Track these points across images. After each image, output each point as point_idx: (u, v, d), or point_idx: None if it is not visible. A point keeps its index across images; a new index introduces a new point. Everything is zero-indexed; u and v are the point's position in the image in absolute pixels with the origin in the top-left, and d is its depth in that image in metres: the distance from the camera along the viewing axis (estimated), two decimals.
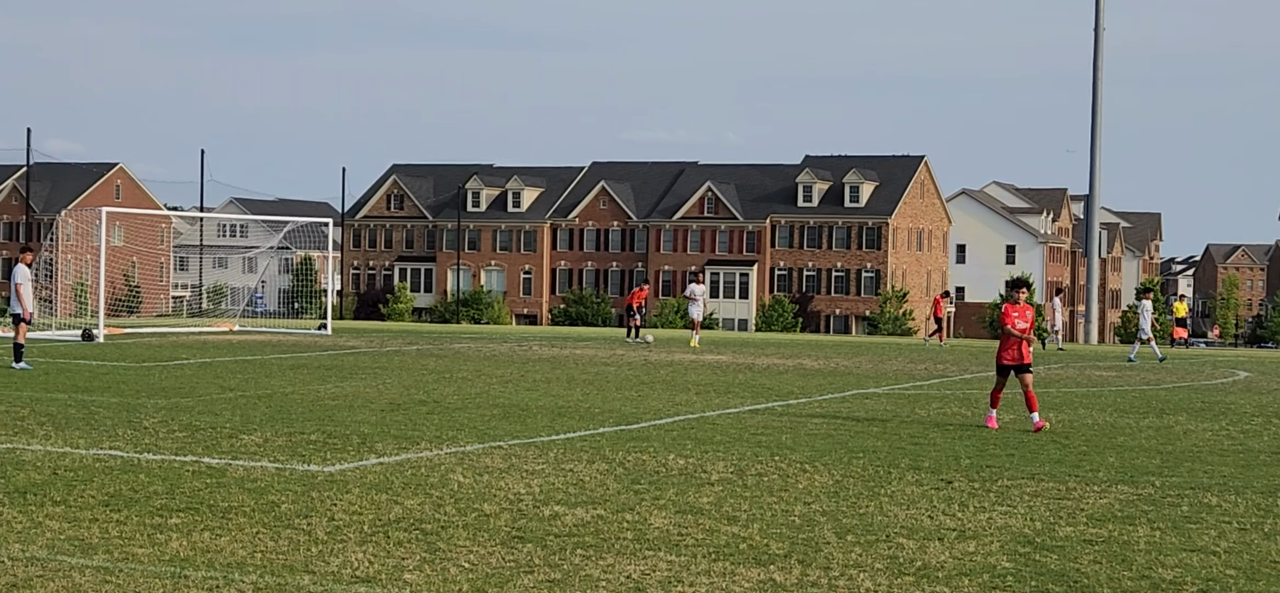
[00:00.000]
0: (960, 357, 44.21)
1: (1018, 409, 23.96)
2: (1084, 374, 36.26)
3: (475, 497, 14.14)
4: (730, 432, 20.52)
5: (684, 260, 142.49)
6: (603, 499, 14.19)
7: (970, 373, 35.56)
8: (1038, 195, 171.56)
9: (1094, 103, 69.12)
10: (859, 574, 11.11)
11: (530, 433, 19.79)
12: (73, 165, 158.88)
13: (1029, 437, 20.78)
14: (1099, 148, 69.22)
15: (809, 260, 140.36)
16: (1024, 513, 13.99)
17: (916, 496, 14.92)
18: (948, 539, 12.56)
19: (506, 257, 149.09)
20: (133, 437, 18.25)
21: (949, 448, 19.08)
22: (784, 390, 28.46)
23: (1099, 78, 68.90)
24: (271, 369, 31.20)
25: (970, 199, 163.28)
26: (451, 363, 34.86)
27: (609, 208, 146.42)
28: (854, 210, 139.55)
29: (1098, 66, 68.85)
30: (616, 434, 19.90)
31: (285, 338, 46.24)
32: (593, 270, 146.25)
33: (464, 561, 11.26)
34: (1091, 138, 69.23)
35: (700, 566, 11.30)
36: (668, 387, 28.84)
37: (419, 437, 18.98)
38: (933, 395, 27.87)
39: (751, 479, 15.77)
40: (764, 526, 12.98)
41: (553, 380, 29.77)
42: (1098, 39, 68.88)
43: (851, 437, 20.24)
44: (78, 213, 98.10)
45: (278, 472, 15.48)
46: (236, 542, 11.72)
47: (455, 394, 25.88)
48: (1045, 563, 11.69)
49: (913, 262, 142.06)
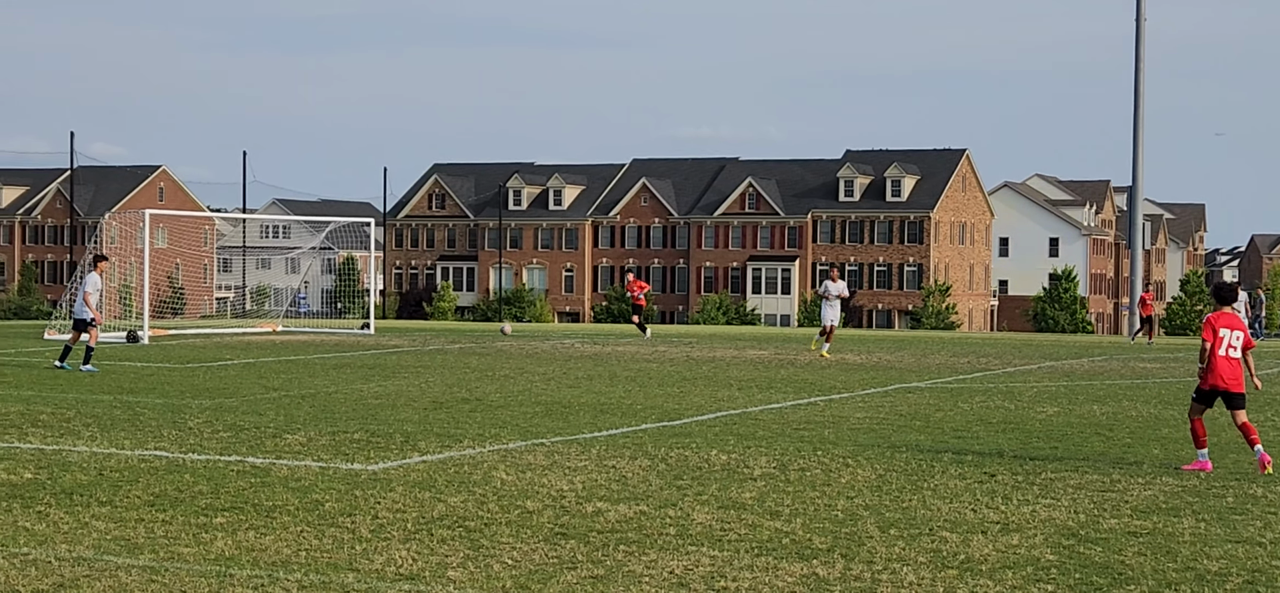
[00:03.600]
0: (1004, 350, 44.05)
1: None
2: (1128, 366, 36.10)
3: (518, 494, 14.17)
4: (772, 427, 20.51)
5: (725, 257, 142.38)
6: (645, 495, 14.21)
7: (1013, 367, 35.43)
8: (1081, 187, 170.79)
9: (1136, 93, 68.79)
10: (902, 568, 11.10)
11: (573, 430, 19.82)
12: (116, 168, 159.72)
13: (1073, 429, 20.71)
14: (1141, 139, 68.87)
15: (851, 255, 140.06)
16: (1068, 506, 13.95)
17: (959, 489, 14.90)
18: (991, 532, 12.53)
19: (548, 255, 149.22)
20: (178, 437, 18.35)
21: (992, 441, 19.03)
22: (826, 385, 28.42)
23: (1141, 68, 68.55)
24: (315, 369, 31.31)
25: (1013, 192, 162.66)
26: (494, 361, 34.92)
27: (650, 205, 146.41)
28: (896, 205, 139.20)
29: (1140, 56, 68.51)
30: (659, 431, 19.91)
31: (328, 338, 46.40)
32: (634, 267, 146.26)
33: (507, 557, 11.29)
34: (1134, 128, 68.89)
35: (743, 561, 11.30)
36: (710, 383, 28.82)
37: (462, 435, 19.03)
38: (976, 389, 27.79)
39: (794, 474, 15.77)
40: (807, 520, 12.98)
41: (595, 377, 29.79)
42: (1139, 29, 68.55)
43: (894, 431, 20.21)
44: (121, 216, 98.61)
45: (322, 471, 15.55)
46: (281, 541, 11.78)
47: (498, 392, 25.92)
48: (1089, 555, 11.65)
49: (955, 255, 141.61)
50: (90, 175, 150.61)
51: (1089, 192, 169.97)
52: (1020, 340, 54.66)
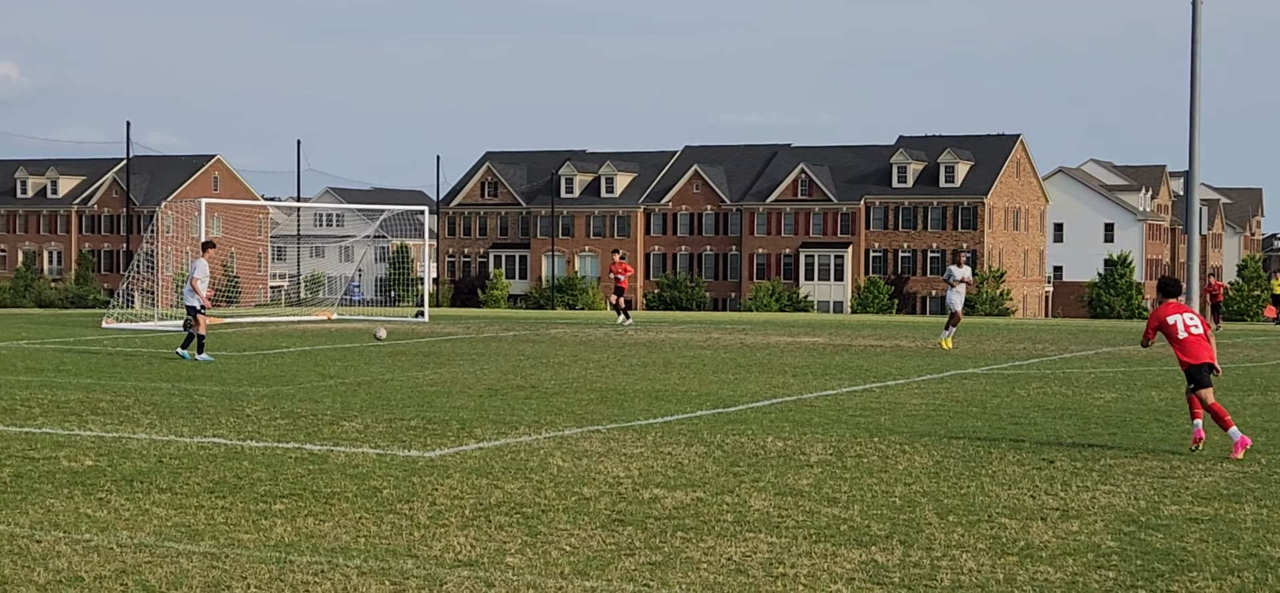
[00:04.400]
0: (1059, 336, 43.83)
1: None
2: None
3: (574, 480, 14.18)
4: (828, 414, 20.46)
5: (777, 243, 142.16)
6: (702, 482, 14.19)
7: (1069, 352, 35.25)
8: (1136, 172, 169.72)
9: (1192, 77, 68.26)
10: (962, 554, 11.05)
11: (628, 417, 19.82)
12: (171, 158, 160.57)
13: (1131, 415, 20.58)
14: (1198, 122, 68.34)
15: (904, 241, 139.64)
16: (1128, 492, 13.87)
17: (1018, 475, 14.83)
18: (1050, 519, 12.47)
19: (600, 242, 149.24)
20: (235, 424, 18.44)
21: (1050, 428, 18.94)
22: (881, 372, 28.34)
23: (1197, 51, 68.03)
24: (370, 356, 31.42)
25: (1067, 177, 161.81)
26: (548, 348, 34.97)
27: (702, 192, 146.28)
28: (949, 190, 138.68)
29: (1196, 39, 67.98)
30: (714, 417, 19.89)
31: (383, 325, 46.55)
32: (686, 255, 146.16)
33: (565, 543, 11.30)
34: (1190, 112, 68.34)
35: (801, 547, 11.27)
36: (764, 369, 28.78)
37: (517, 422, 19.05)
38: (1032, 375, 27.66)
39: (851, 461, 15.72)
40: (865, 507, 12.94)
41: (649, 364, 29.79)
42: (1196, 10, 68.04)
43: (951, 417, 20.14)
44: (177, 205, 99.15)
45: (379, 457, 15.60)
46: (340, 527, 11.82)
47: (552, 379, 25.95)
48: (1150, 542, 11.58)
49: (1009, 241, 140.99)
50: (146, 165, 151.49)
51: (1144, 177, 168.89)
52: (1076, 326, 54.39)
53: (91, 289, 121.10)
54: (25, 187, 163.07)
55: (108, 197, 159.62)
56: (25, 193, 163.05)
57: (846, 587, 10.05)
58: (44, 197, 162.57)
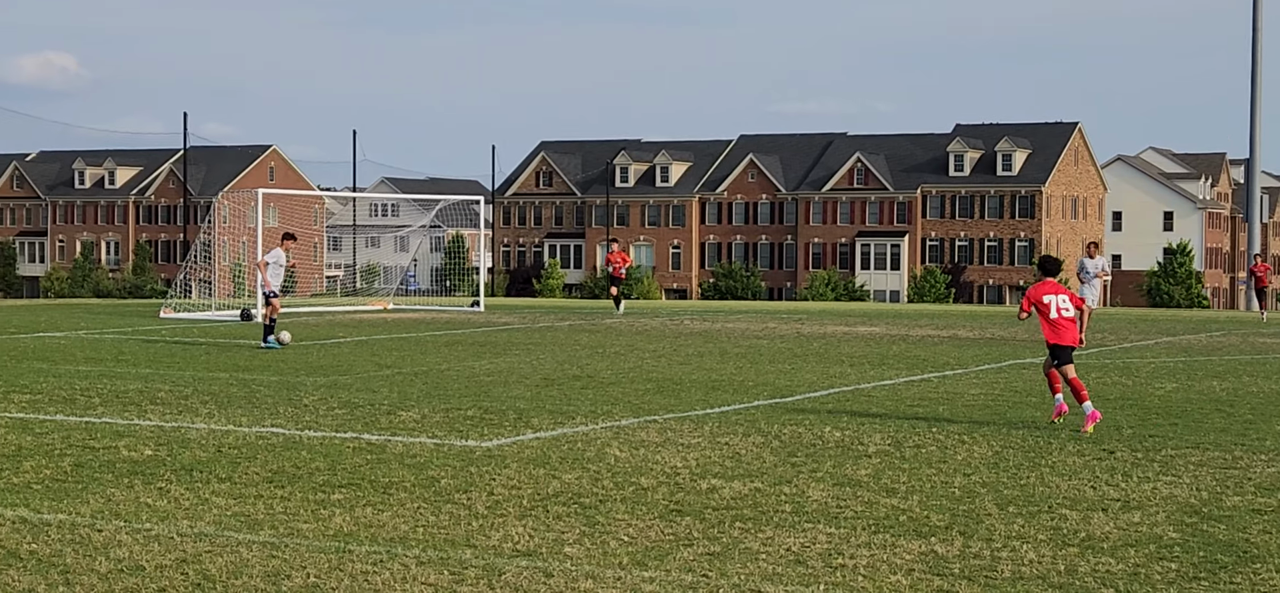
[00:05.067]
0: (1119, 326, 43.55)
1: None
2: (1248, 341, 35.58)
3: (632, 471, 14.16)
4: (886, 404, 20.39)
5: (833, 233, 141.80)
6: (759, 472, 14.15)
7: (1129, 342, 35.02)
8: (1196, 160, 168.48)
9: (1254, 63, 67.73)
10: (1022, 546, 10.98)
11: (685, 407, 19.79)
12: (228, 148, 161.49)
13: (1192, 405, 20.41)
14: (1259, 109, 67.83)
15: (961, 230, 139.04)
16: (1189, 483, 13.75)
17: (1078, 466, 14.72)
18: (1111, 510, 12.37)
19: (655, 232, 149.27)
20: (293, 414, 18.51)
21: (1110, 418, 18.79)
22: (939, 362, 28.22)
23: (1259, 37, 67.49)
24: (426, 346, 31.50)
25: (1126, 165, 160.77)
26: (604, 338, 34.97)
27: (758, 181, 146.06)
28: (1006, 179, 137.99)
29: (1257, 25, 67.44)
30: (771, 407, 19.84)
31: (439, 315, 46.69)
32: (742, 244, 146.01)
33: (623, 534, 11.28)
34: (1251, 99, 67.83)
35: (860, 538, 11.22)
36: (821, 359, 28.70)
37: (574, 411, 19.05)
38: (1091, 365, 27.47)
39: (909, 451, 15.65)
40: (924, 497, 12.87)
41: (705, 354, 29.75)
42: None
43: (1009, 407, 20.02)
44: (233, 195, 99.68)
45: (436, 447, 15.62)
46: (398, 517, 11.84)
47: (608, 369, 25.95)
48: (1213, 533, 11.47)
49: (1067, 230, 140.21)
50: (202, 155, 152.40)
51: (1204, 164, 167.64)
52: (1135, 316, 54.04)
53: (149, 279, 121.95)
54: (83, 177, 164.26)
55: (165, 187, 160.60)
56: (83, 184, 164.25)
57: (906, 578, 9.99)
58: (101, 187, 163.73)
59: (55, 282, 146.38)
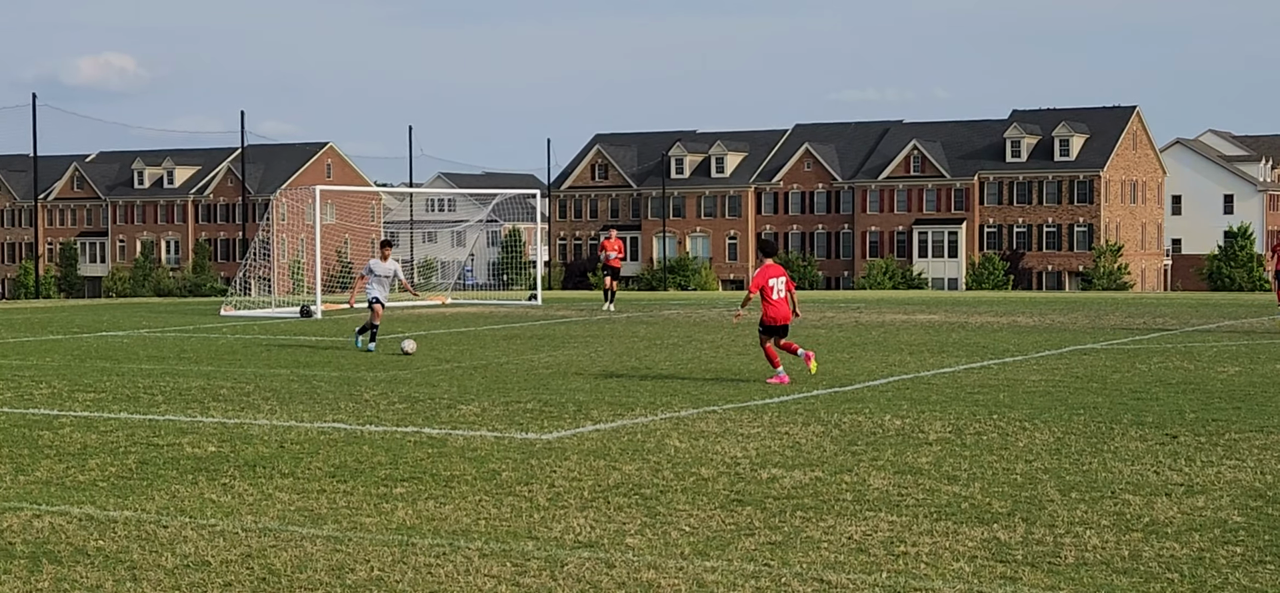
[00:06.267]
0: (1180, 310, 43.25)
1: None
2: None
3: (692, 461, 14.17)
4: (946, 391, 20.32)
5: (890, 221, 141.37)
6: (820, 461, 14.14)
7: (1190, 326, 34.77)
8: (1256, 143, 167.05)
9: None
10: (1085, 531, 10.93)
11: (743, 397, 19.78)
12: (285, 146, 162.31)
13: (1256, 388, 20.27)
14: None
15: (1018, 216, 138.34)
16: (1254, 467, 13.66)
17: (1141, 451, 14.64)
18: (1175, 495, 12.30)
19: (711, 222, 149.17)
20: (354, 409, 18.60)
21: (1172, 403, 18.68)
22: (999, 348, 28.10)
23: None
24: (485, 340, 31.58)
25: (1185, 149, 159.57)
26: (661, 330, 34.97)
27: (814, 170, 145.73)
28: (1064, 164, 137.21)
29: None
30: (830, 397, 19.81)
31: (496, 310, 46.79)
32: (798, 233, 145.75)
33: (684, 524, 11.29)
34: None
35: (922, 525, 11.20)
36: (880, 347, 28.63)
37: (633, 403, 19.07)
38: (1153, 349, 27.31)
39: (970, 438, 15.60)
40: (985, 484, 12.83)
41: None
42: None
43: (1071, 393, 19.92)
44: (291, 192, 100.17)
45: (497, 440, 15.67)
46: (460, 510, 11.89)
47: (667, 360, 25.96)
48: (1278, 517, 11.39)
49: (1126, 215, 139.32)
50: (260, 153, 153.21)
51: (1265, 146, 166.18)
52: (1196, 300, 53.62)
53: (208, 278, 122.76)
54: (142, 177, 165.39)
55: (223, 186, 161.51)
56: (142, 183, 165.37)
57: (969, 565, 9.97)
58: (160, 187, 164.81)
59: (117, 281, 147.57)
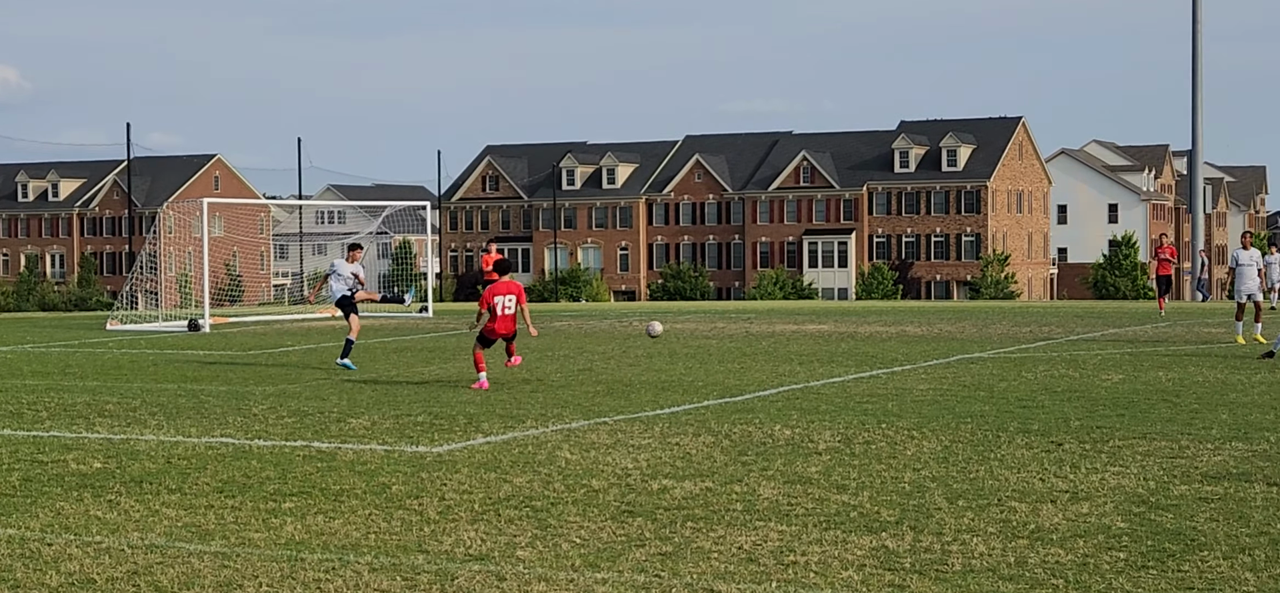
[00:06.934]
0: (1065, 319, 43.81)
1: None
2: (1192, 331, 35.85)
3: (583, 473, 14.18)
4: (835, 401, 20.46)
5: (781, 231, 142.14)
6: (710, 472, 14.19)
7: (1075, 335, 35.24)
8: (1139, 153, 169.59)
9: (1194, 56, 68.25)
10: (972, 538, 11.05)
11: (635, 408, 19.82)
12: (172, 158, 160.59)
13: (1139, 396, 20.57)
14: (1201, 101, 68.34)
15: (907, 226, 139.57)
16: (1137, 473, 13.86)
17: (1027, 459, 14.82)
18: (1060, 501, 12.46)
19: (603, 234, 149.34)
20: (243, 424, 18.45)
21: (1058, 410, 18.93)
22: (888, 358, 28.33)
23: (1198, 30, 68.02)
24: (375, 353, 31.42)
25: (1070, 159, 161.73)
26: (552, 342, 34.95)
27: (704, 181, 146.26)
28: (951, 174, 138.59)
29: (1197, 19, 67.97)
30: (721, 407, 19.89)
31: (387, 322, 46.55)
32: (690, 244, 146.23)
33: (575, 536, 11.30)
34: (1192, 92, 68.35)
35: (811, 535, 11.27)
36: (770, 358, 28.77)
37: (525, 415, 19.05)
38: (1039, 358, 27.65)
39: (859, 447, 15.72)
40: (874, 493, 12.94)
41: (655, 355, 29.78)
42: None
43: (958, 402, 20.13)
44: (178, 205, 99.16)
45: (387, 454, 15.60)
46: (350, 524, 11.82)
47: (558, 372, 25.96)
48: (1161, 522, 11.57)
49: (1013, 224, 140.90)
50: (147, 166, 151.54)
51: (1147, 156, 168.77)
52: (1081, 308, 54.35)
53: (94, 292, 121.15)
54: (26, 190, 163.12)
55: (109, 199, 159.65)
56: (26, 197, 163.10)
57: (857, 573, 10.05)
58: (45, 200, 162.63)
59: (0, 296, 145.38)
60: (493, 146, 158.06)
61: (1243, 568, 10.08)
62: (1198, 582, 9.75)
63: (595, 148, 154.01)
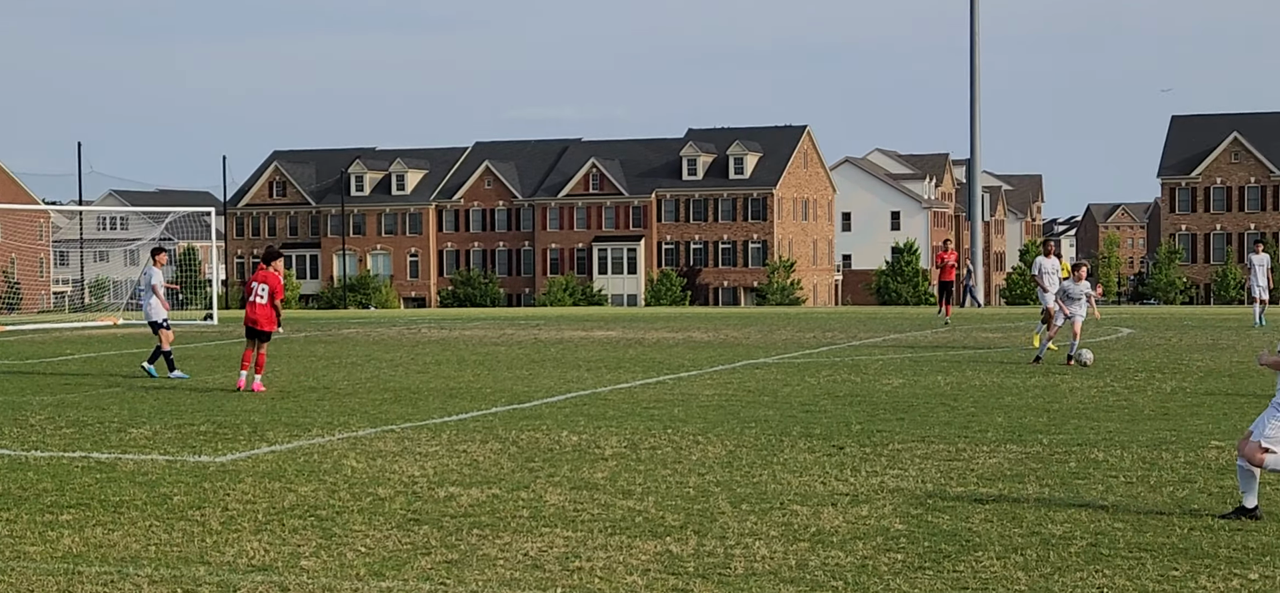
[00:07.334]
0: (849, 324, 44.53)
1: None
2: (970, 336, 36.67)
3: (369, 481, 14.10)
4: (622, 407, 20.58)
5: (570, 238, 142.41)
6: (497, 479, 14.20)
7: (858, 340, 35.85)
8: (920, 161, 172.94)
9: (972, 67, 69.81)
10: (755, 542, 11.20)
11: (422, 416, 19.74)
12: None
13: (918, 400, 21.00)
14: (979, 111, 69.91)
15: (695, 233, 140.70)
16: (915, 476, 14.17)
17: (809, 462, 15.06)
18: (841, 504, 12.69)
19: (392, 240, 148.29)
20: (19, 434, 18.01)
21: (840, 415, 19.25)
22: (675, 364, 28.57)
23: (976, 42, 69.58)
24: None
25: (854, 167, 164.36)
26: (340, 349, 34.67)
27: (494, 187, 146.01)
28: (739, 182, 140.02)
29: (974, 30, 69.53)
30: (509, 413, 19.90)
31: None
32: (480, 251, 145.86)
33: (360, 545, 11.24)
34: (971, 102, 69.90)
35: (597, 540, 11.34)
36: (558, 364, 28.85)
37: (310, 424, 18.88)
38: (822, 363, 28.08)
39: (645, 453, 15.84)
40: (659, 498, 13.05)
41: (443, 362, 29.70)
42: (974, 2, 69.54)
43: (743, 407, 20.37)
44: None
45: (169, 464, 15.35)
46: (130, 536, 11.62)
47: (345, 380, 25.76)
48: (937, 524, 11.84)
49: (798, 231, 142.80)
50: None
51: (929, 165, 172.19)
52: (864, 314, 55.28)
53: None
54: None
55: None
56: None
57: (642, 578, 10.14)
58: None
59: None
60: (280, 152, 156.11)
61: (1015, 567, 10.36)
62: (972, 582, 10.00)
63: (384, 154, 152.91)
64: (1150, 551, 10.84)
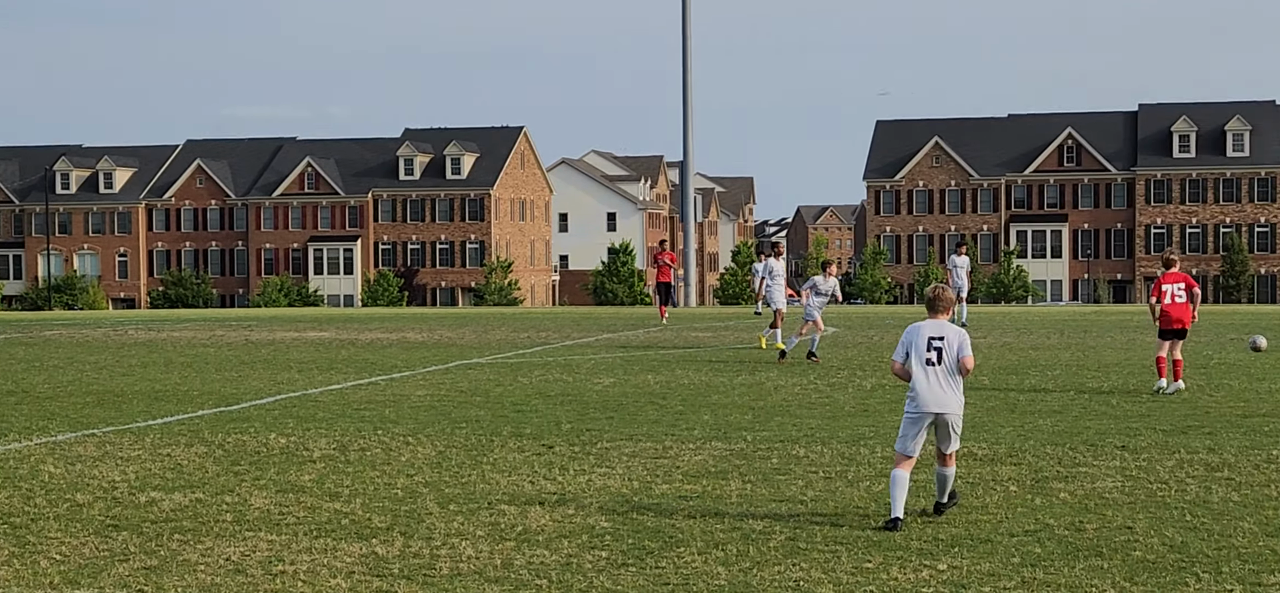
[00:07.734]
0: (563, 324, 44.77)
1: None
2: (681, 335, 37.15)
3: (67, 487, 13.77)
4: (333, 408, 20.42)
5: (285, 238, 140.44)
6: (201, 483, 13.99)
7: (572, 340, 36.08)
8: (636, 163, 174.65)
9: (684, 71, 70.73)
10: (461, 542, 11.24)
11: (126, 419, 19.32)
12: None
13: (628, 399, 21.23)
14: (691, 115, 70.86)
15: (412, 234, 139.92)
16: (622, 473, 14.34)
17: (518, 462, 15.13)
18: (548, 503, 12.79)
19: (100, 239, 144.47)
20: None
21: (551, 414, 19.37)
22: (387, 365, 28.41)
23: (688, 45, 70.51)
24: None
25: (570, 168, 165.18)
26: (42, 351, 33.70)
27: (206, 186, 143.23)
28: (456, 182, 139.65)
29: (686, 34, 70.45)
30: (216, 416, 19.60)
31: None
32: (191, 251, 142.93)
33: (56, 552, 10.97)
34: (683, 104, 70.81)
35: (301, 543, 11.25)
36: (269, 366, 28.47)
37: (7, 429, 18.35)
38: (536, 363, 28.21)
39: (354, 455, 15.75)
40: (366, 500, 13.00)
41: (150, 364, 29.08)
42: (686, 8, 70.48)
43: (454, 408, 20.36)
44: None
45: None
46: None
47: (46, 383, 25.06)
48: (642, 521, 12.01)
49: (516, 232, 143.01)
50: None
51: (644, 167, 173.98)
52: (580, 314, 55.63)
53: None
54: None
55: None
56: None
57: (346, 581, 10.09)
58: None
59: None
60: None
61: (716, 562, 10.57)
62: (674, 577, 10.18)
63: (91, 151, 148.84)
64: (846, 544, 11.15)
